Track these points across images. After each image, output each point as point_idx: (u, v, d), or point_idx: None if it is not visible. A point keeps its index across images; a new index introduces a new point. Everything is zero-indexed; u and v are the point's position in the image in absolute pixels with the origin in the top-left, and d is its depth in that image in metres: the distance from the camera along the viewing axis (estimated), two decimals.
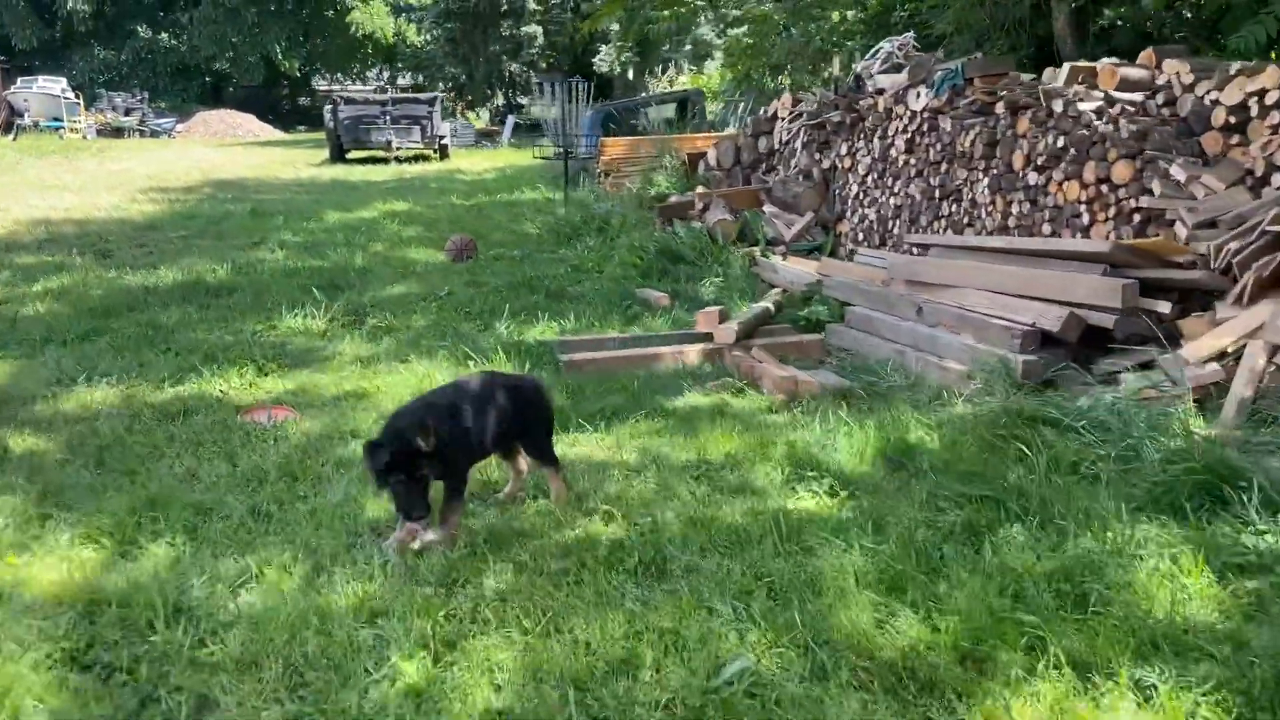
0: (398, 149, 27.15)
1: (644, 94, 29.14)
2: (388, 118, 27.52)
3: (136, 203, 16.79)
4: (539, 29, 37.90)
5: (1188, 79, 7.22)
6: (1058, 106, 7.69)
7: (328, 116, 27.95)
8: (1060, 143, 7.63)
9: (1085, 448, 4.97)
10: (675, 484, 4.78)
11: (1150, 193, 6.89)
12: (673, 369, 7.11)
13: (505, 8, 36.83)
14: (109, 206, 16.13)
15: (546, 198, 16.97)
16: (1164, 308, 6.17)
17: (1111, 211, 7.18)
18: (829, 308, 8.18)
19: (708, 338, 7.49)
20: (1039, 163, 7.88)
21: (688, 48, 32.82)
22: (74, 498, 4.65)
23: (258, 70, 48.65)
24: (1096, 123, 7.35)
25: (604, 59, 32.87)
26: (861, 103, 10.45)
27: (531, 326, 8.25)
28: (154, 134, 38.07)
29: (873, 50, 10.93)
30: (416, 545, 4.13)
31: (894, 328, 7.34)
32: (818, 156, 11.57)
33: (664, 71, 32.54)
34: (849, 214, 10.77)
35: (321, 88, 53.71)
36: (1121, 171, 7.07)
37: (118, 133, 36.52)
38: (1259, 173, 6.60)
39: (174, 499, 4.62)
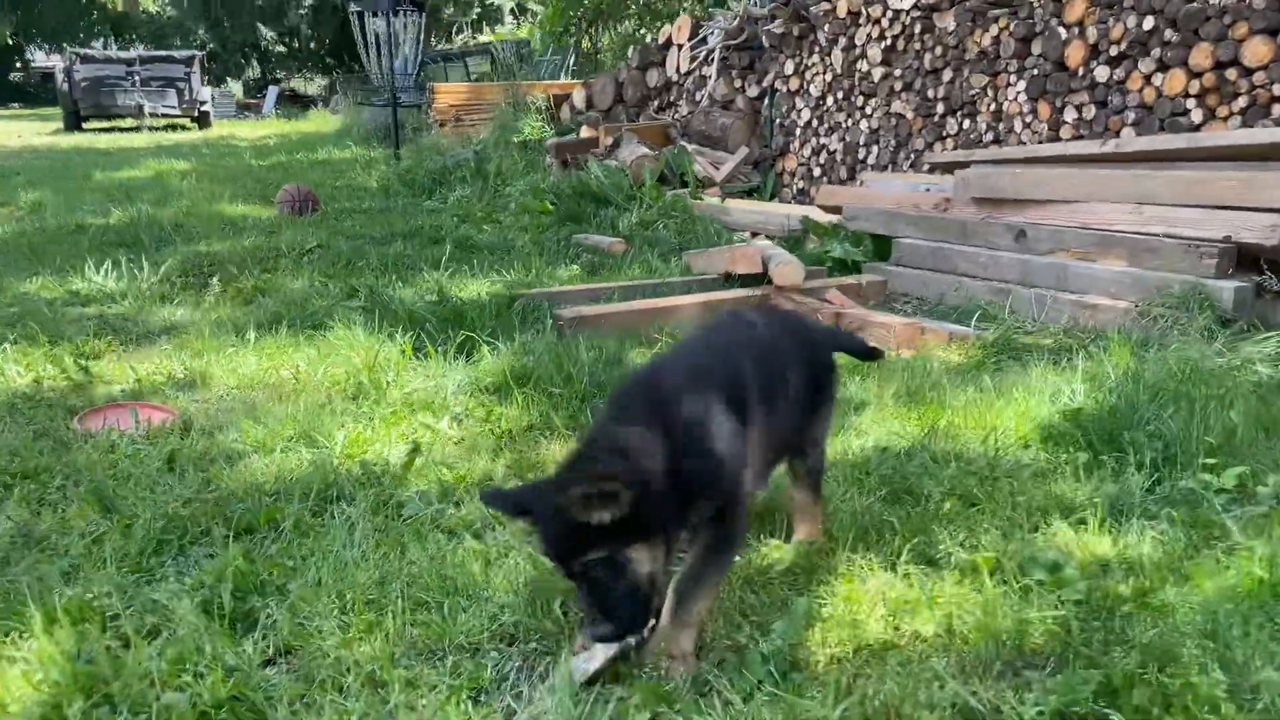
0: (150, 114, 23.15)
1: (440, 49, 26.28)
2: (136, 79, 23.42)
3: None
4: None
5: None
6: None
7: (61, 78, 23.57)
8: (1148, 24, 6.04)
9: None
10: (962, 487, 2.71)
11: None
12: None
13: None
14: None
15: (366, 153, 14.22)
16: None
17: (1241, 103, 5.64)
18: (861, 243, 6.27)
19: (755, 280, 5.39)
20: (1112, 53, 6.26)
21: (476, 11, 30.26)
22: None
23: None
24: None
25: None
26: (813, 9, 8.61)
27: (470, 280, 5.89)
28: None
29: None
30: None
31: (983, 260, 5.53)
32: (740, 84, 9.67)
33: (457, 32, 29.84)
34: (796, 146, 8.92)
35: (37, 61, 47.08)
36: (1258, 51, 5.54)
37: None
38: None
39: (34, 596, 2.12)
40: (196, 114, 24.36)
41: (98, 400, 3.77)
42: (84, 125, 23.37)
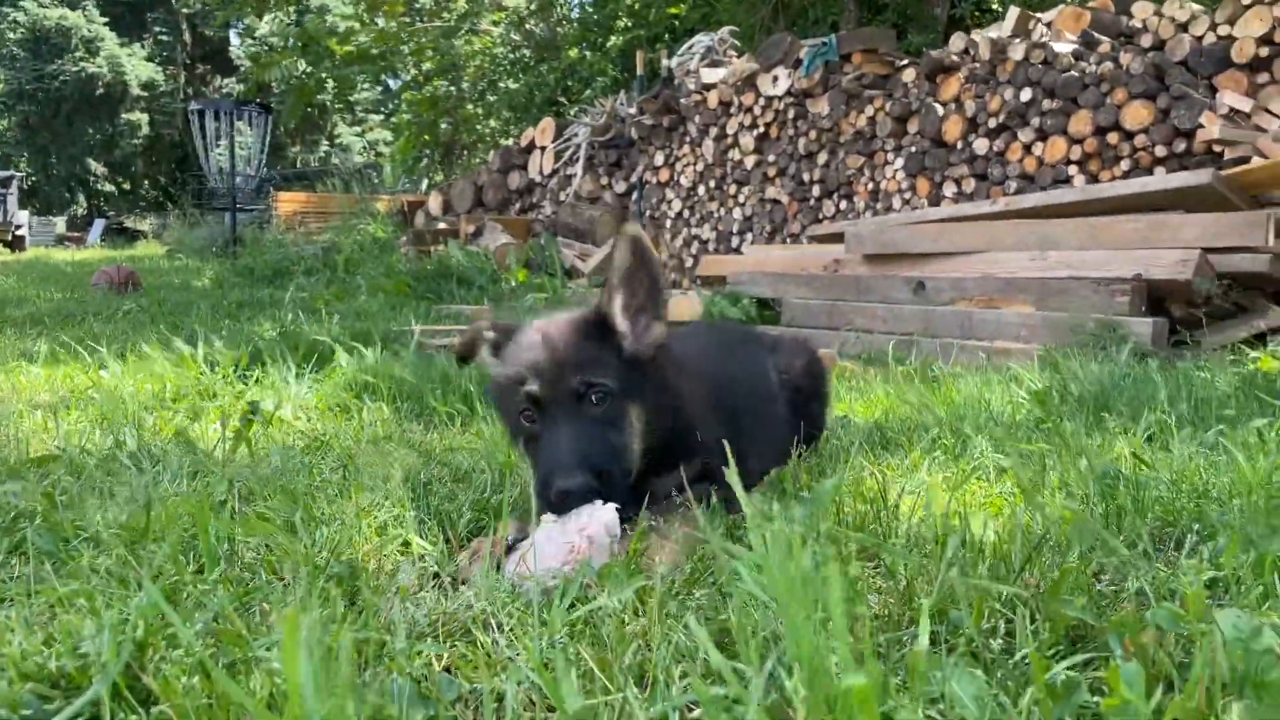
0: None
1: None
2: None
3: None
4: (144, 116, 32.65)
5: (1181, 16, 5.92)
6: (1016, 54, 6.15)
7: None
8: (1026, 95, 6.05)
9: None
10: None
11: (1186, 135, 5.40)
12: None
13: (101, 92, 31.30)
14: None
15: (200, 264, 13.33)
16: None
17: (1124, 165, 5.62)
18: (741, 307, 5.90)
19: None
20: (991, 125, 6.24)
21: (324, 149, 29.89)
22: None
23: None
24: (1082, 64, 5.85)
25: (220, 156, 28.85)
26: (684, 100, 8.49)
27: (318, 325, 5.19)
28: None
29: (685, 46, 9.08)
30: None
31: (881, 314, 5.21)
32: (607, 181, 9.44)
33: (303, 165, 29.37)
34: (668, 238, 8.65)
35: None
36: (1138, 114, 5.56)
37: None
38: None
39: None
40: (11, 237, 22.86)
41: None
42: None
